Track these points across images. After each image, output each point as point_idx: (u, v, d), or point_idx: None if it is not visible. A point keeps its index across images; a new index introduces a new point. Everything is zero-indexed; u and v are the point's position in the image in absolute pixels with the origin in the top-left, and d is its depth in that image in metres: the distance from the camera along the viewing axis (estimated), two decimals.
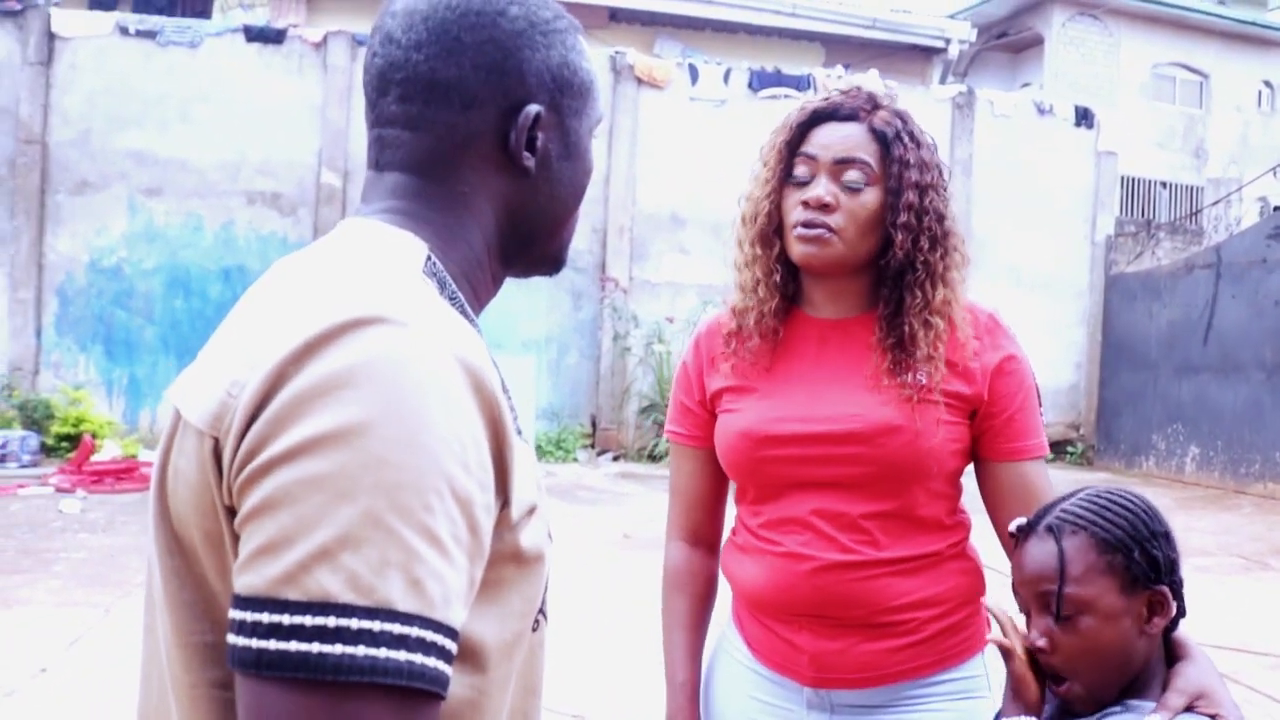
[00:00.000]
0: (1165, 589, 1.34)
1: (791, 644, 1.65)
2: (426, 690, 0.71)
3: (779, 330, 1.70)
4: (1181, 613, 1.37)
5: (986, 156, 13.39)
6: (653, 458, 12.00)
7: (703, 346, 1.77)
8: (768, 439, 1.63)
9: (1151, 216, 17.95)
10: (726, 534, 1.83)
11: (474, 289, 0.97)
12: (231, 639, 0.71)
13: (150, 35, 11.33)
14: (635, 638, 5.23)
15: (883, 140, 1.61)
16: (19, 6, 11.23)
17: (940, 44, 16.55)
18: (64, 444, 10.37)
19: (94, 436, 10.10)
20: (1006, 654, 1.38)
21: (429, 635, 0.71)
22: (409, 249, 0.89)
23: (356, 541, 0.69)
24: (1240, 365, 11.39)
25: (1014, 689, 1.38)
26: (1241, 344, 11.37)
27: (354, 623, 0.68)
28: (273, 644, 0.68)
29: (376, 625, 0.69)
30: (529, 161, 0.95)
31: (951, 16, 18.35)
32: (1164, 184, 19.74)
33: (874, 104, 1.66)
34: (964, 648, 1.66)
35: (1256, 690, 4.71)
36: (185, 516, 0.80)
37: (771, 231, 1.68)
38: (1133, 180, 18.91)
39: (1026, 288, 13.40)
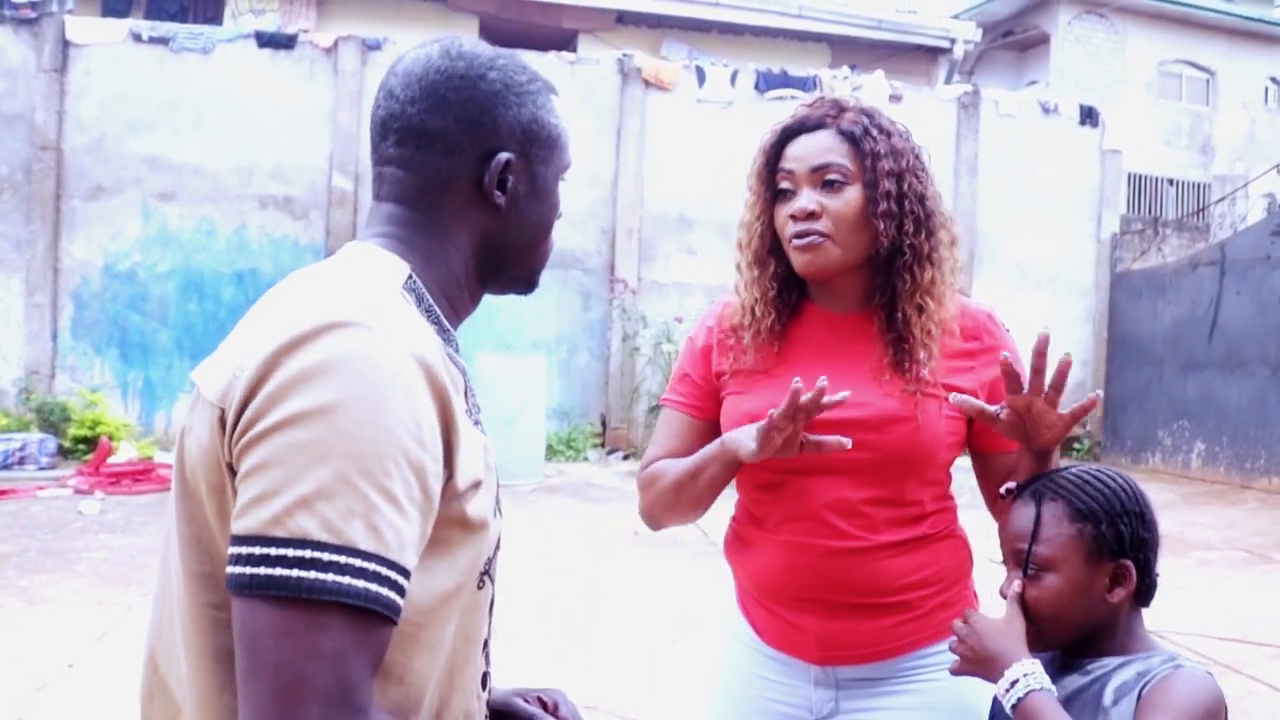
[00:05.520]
0: (1129, 563, 1.45)
1: (797, 627, 1.73)
2: (379, 612, 0.90)
3: (775, 344, 1.77)
4: (1147, 588, 1.47)
5: (992, 156, 13.45)
6: None
7: (714, 328, 1.85)
8: None
9: (1159, 214, 17.97)
10: (726, 520, 1.90)
11: (452, 305, 1.16)
12: (230, 569, 0.90)
13: (163, 41, 11.45)
14: (646, 631, 5.33)
15: (852, 139, 1.70)
16: (34, 15, 11.37)
17: (945, 44, 16.62)
18: (80, 446, 10.47)
19: (110, 438, 10.21)
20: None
21: (384, 570, 0.91)
22: (393, 269, 1.09)
23: (329, 494, 0.89)
24: (1245, 361, 11.44)
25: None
26: (1246, 341, 11.42)
27: (325, 555, 0.88)
28: (262, 570, 0.88)
29: (342, 559, 0.89)
30: (500, 200, 1.15)
31: (956, 16, 18.40)
32: (1171, 181, 19.76)
33: (839, 109, 1.74)
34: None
35: (1258, 680, 4.79)
36: (196, 470, 1.00)
37: (766, 252, 1.78)
38: (1140, 177, 18.95)
39: (1032, 286, 13.47)
